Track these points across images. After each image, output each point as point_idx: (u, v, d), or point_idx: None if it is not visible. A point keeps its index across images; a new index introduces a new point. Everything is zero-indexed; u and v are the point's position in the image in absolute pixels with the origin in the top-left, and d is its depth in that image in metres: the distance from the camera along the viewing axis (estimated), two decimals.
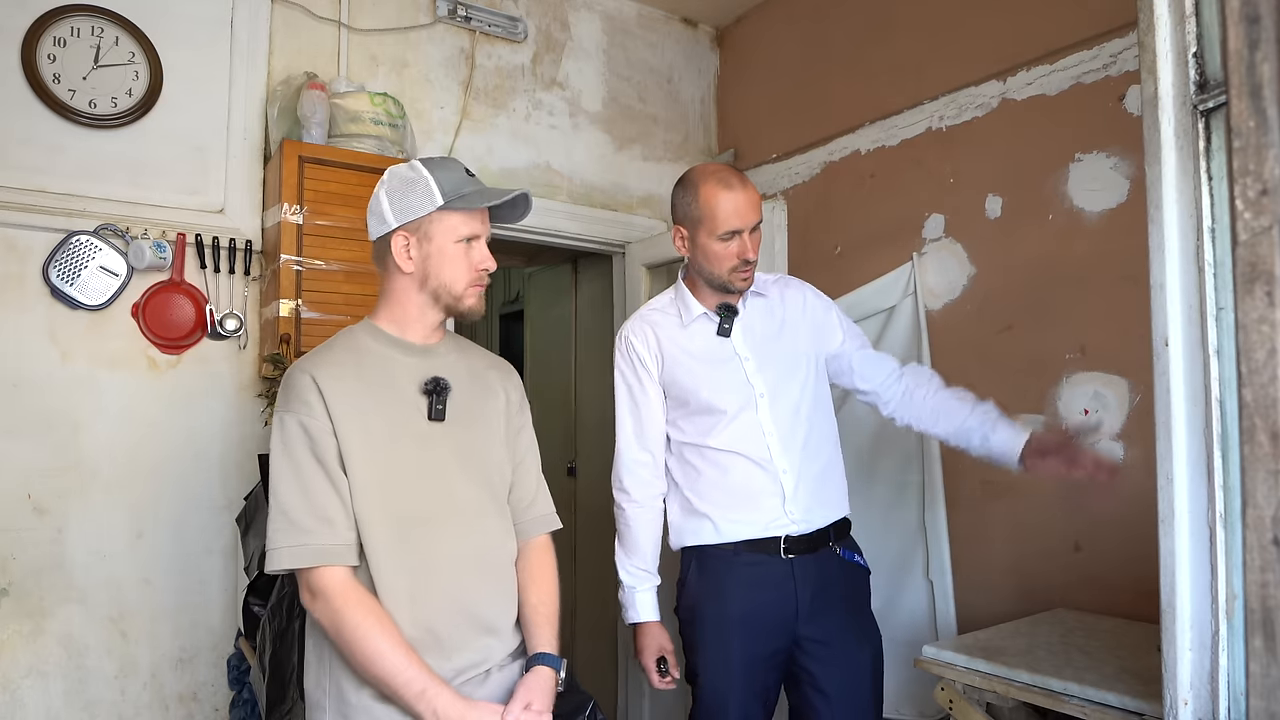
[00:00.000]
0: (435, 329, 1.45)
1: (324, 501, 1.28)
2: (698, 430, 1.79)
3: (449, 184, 1.37)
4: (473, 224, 1.39)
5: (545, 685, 1.34)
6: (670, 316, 1.85)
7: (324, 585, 1.26)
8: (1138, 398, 2.01)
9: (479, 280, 1.41)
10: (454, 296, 1.40)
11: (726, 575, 1.74)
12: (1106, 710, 1.42)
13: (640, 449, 1.83)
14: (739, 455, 1.75)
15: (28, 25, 2.09)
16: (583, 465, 3.74)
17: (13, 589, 2.06)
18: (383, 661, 1.23)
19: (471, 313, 1.41)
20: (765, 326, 1.82)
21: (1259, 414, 0.88)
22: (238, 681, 2.20)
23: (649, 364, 1.82)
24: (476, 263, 1.40)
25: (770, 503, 1.73)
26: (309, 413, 1.30)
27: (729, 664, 1.71)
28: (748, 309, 1.82)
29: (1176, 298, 1.11)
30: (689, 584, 1.80)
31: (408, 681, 1.23)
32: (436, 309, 1.42)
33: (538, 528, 1.53)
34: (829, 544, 1.77)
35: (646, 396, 1.83)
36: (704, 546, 1.78)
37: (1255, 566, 0.89)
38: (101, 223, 2.16)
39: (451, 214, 1.37)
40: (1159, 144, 1.11)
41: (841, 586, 1.77)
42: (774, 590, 1.72)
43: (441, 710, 1.22)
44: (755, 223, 1.73)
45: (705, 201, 1.71)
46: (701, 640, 1.75)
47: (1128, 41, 2.03)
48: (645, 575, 1.83)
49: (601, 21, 3.11)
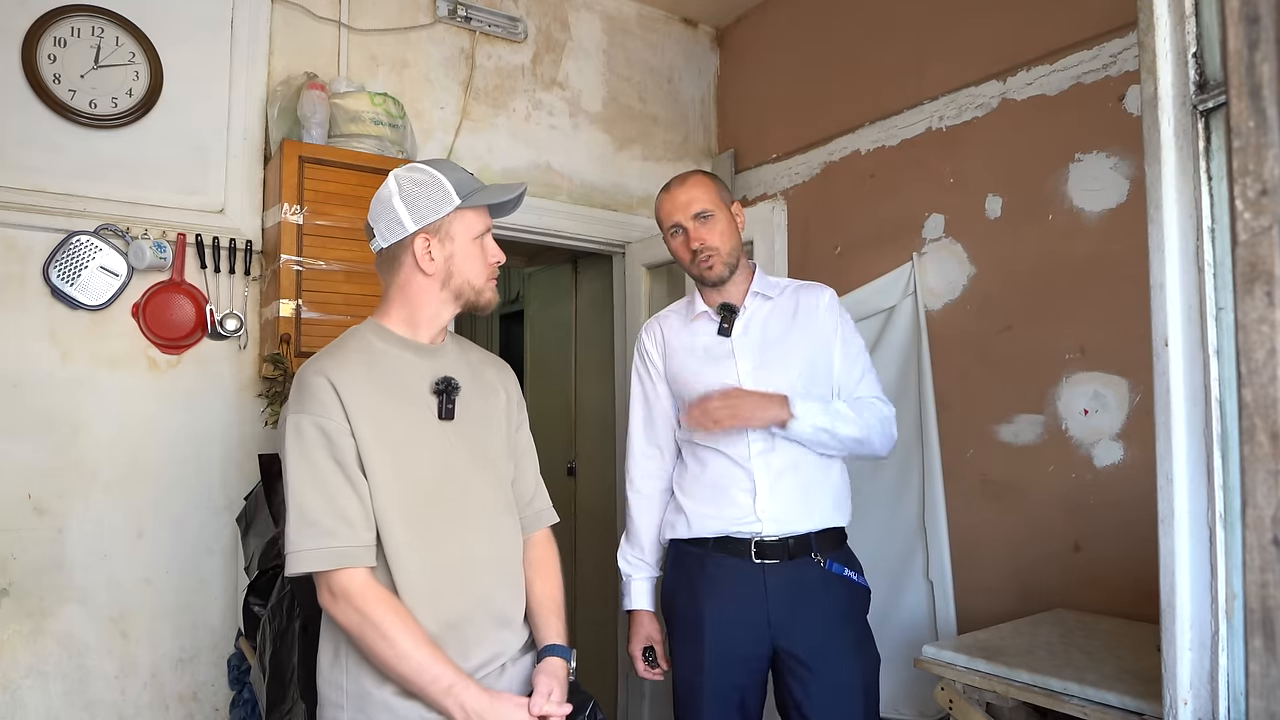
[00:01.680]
0: (443, 329, 1.48)
1: (344, 503, 1.28)
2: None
3: (461, 183, 1.41)
4: (484, 220, 1.45)
5: (561, 675, 1.38)
6: (680, 315, 1.92)
7: (345, 586, 1.27)
8: (1138, 398, 2.01)
9: (494, 273, 1.48)
10: (476, 291, 1.45)
11: (698, 573, 1.76)
12: (1106, 710, 1.42)
13: (648, 443, 1.90)
14: (718, 452, 1.77)
15: (28, 25, 2.09)
16: (582, 465, 3.74)
17: (13, 589, 2.06)
18: (409, 660, 1.24)
19: (489, 305, 1.47)
20: (767, 328, 1.83)
21: (1259, 414, 0.88)
22: (238, 681, 2.20)
23: (656, 361, 1.90)
24: (490, 256, 1.46)
25: (740, 498, 1.74)
26: (326, 414, 1.30)
27: (699, 660, 1.73)
28: (750, 310, 1.84)
29: (1176, 298, 1.11)
30: (667, 577, 1.85)
31: (435, 678, 1.24)
32: (454, 306, 1.45)
33: (540, 522, 1.57)
34: (810, 554, 1.72)
35: (656, 393, 1.90)
36: (680, 542, 1.82)
37: (1255, 566, 0.89)
38: (102, 223, 2.16)
39: (468, 212, 1.42)
40: (1159, 144, 1.11)
41: (825, 602, 1.71)
42: (743, 593, 1.71)
43: (469, 704, 1.24)
44: (696, 212, 1.78)
45: (656, 210, 1.87)
46: (675, 633, 1.81)
47: (1128, 41, 2.03)
48: (642, 565, 1.88)
49: (601, 21, 3.11)
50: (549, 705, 1.31)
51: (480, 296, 1.45)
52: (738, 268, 1.82)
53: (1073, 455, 2.13)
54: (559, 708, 1.32)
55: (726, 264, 1.79)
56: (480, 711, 1.24)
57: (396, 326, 1.43)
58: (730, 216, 1.83)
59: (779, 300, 1.85)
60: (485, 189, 1.44)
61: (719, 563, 1.74)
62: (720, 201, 1.81)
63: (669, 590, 1.83)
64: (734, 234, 1.82)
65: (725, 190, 1.85)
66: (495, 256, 1.47)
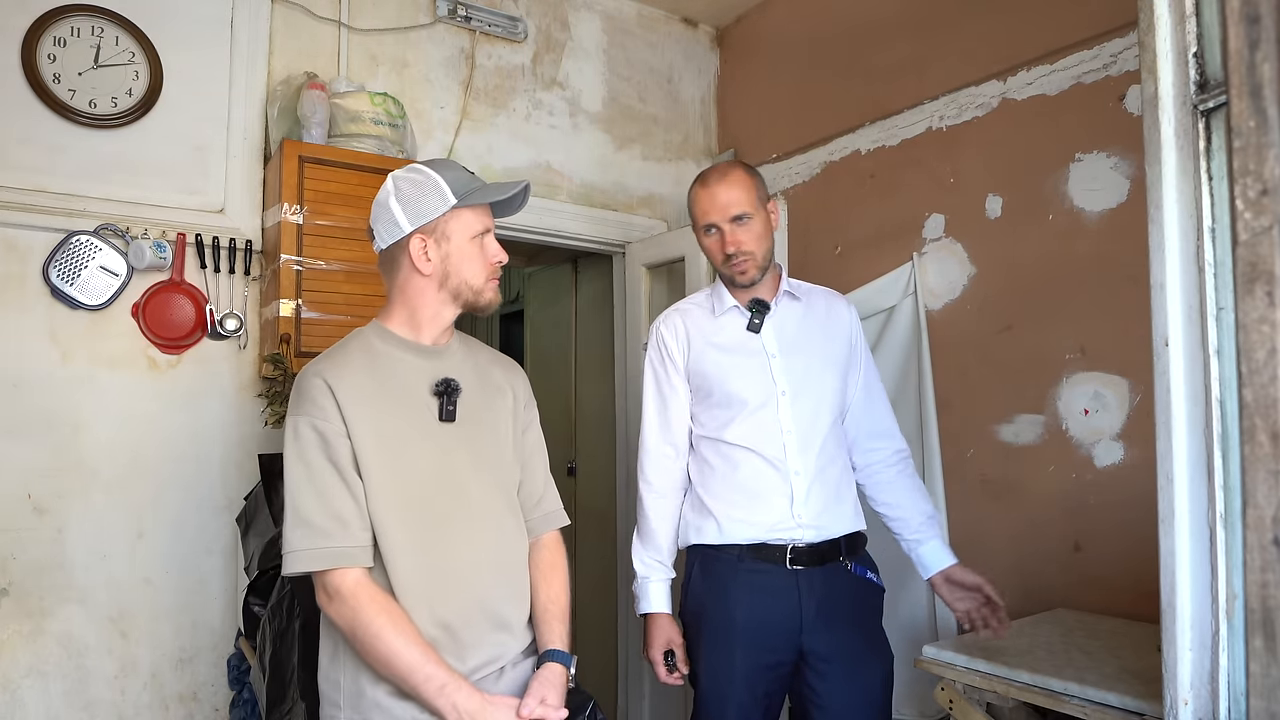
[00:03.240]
0: (447, 329, 1.47)
1: (339, 504, 1.29)
2: (716, 424, 1.77)
3: (457, 183, 1.40)
4: (483, 219, 1.44)
5: (557, 681, 1.37)
6: (703, 309, 1.86)
7: (340, 586, 1.27)
8: (1138, 398, 2.01)
9: (494, 273, 1.46)
10: (474, 291, 1.43)
11: (731, 581, 1.70)
12: (1107, 710, 1.42)
13: (664, 440, 1.83)
14: (752, 452, 1.72)
15: (28, 25, 2.09)
16: (583, 465, 3.74)
17: (13, 589, 2.06)
18: (401, 659, 1.24)
19: (490, 306, 1.46)
20: (798, 328, 1.81)
21: (1259, 414, 0.87)
22: (238, 681, 2.20)
23: (675, 355, 1.82)
24: (491, 256, 1.44)
25: (779, 503, 1.70)
26: (322, 416, 1.31)
27: (731, 671, 1.68)
28: (781, 308, 1.81)
29: (1177, 298, 1.10)
30: (692, 587, 1.78)
31: (428, 678, 1.24)
32: (454, 306, 1.44)
33: (547, 524, 1.55)
34: (839, 558, 1.72)
35: (673, 388, 1.83)
36: (707, 548, 1.75)
37: (1255, 566, 0.89)
38: (101, 223, 2.16)
39: (464, 211, 1.40)
40: (1159, 144, 1.11)
41: (851, 602, 1.72)
42: (779, 600, 1.68)
43: (461, 705, 1.24)
44: (734, 215, 1.73)
45: (690, 201, 1.82)
46: (704, 645, 1.73)
47: (1128, 41, 2.03)
48: (659, 567, 1.80)
49: (601, 21, 3.11)
50: (540, 709, 1.29)
51: (480, 297, 1.44)
52: (768, 269, 1.79)
53: (1073, 455, 2.13)
54: (553, 712, 1.30)
55: (760, 267, 1.76)
56: (472, 712, 1.24)
57: (399, 328, 1.43)
58: (766, 216, 1.77)
59: (807, 301, 1.85)
60: (484, 187, 1.43)
61: (753, 569, 1.69)
62: (758, 202, 1.75)
63: (697, 601, 1.76)
64: (769, 235, 1.77)
65: (763, 187, 1.80)
66: (496, 256, 1.45)
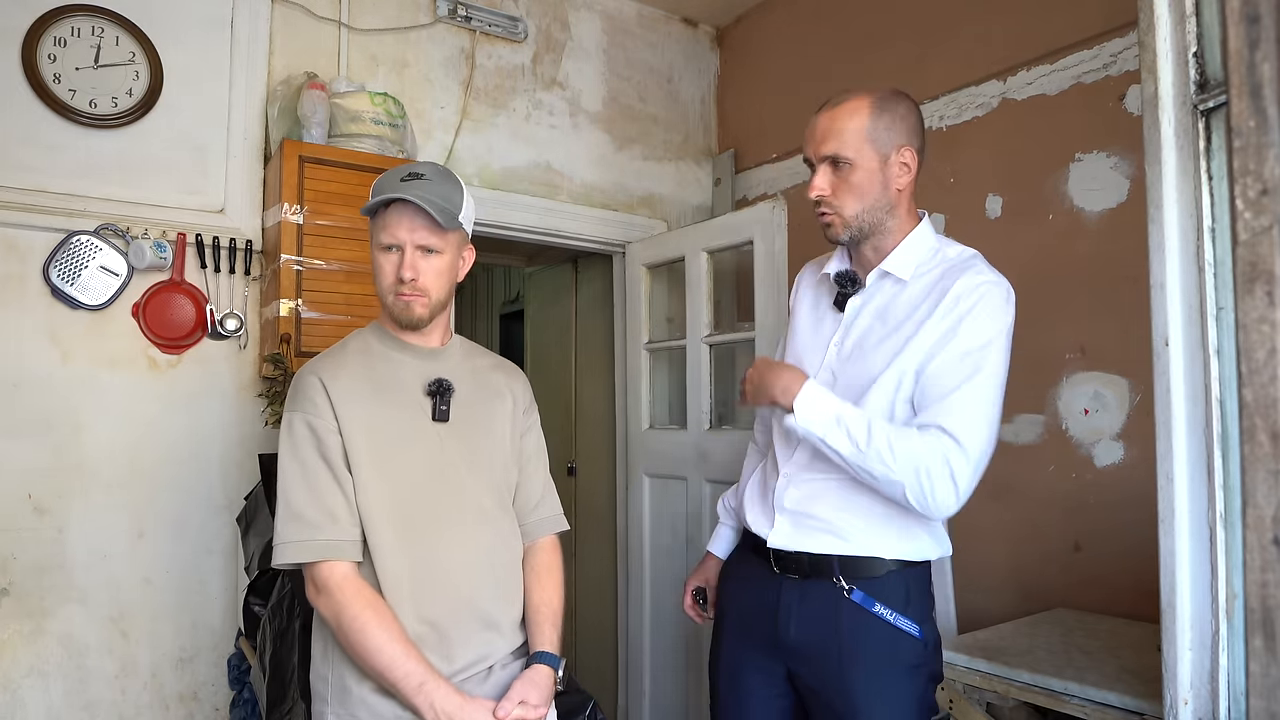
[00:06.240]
0: (440, 331, 1.47)
1: (330, 499, 1.30)
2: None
3: (378, 189, 1.36)
4: (392, 231, 1.34)
5: (541, 682, 1.36)
6: (818, 268, 1.66)
7: (327, 580, 1.28)
8: (1138, 398, 2.01)
9: (401, 291, 1.36)
10: (386, 306, 1.40)
11: (731, 567, 1.69)
12: (1107, 710, 1.42)
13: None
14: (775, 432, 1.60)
15: (28, 25, 2.09)
16: (583, 465, 3.74)
17: (13, 589, 2.06)
18: (382, 655, 1.25)
19: (411, 323, 1.39)
20: (886, 319, 1.45)
21: (1259, 414, 0.87)
22: (238, 681, 2.20)
23: (791, 308, 1.68)
24: (396, 272, 1.35)
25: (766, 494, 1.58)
26: (315, 412, 1.33)
27: (716, 652, 1.64)
28: (870, 290, 1.48)
29: (1176, 298, 1.11)
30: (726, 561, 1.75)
31: (407, 674, 1.25)
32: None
33: (544, 529, 1.54)
34: (833, 579, 1.43)
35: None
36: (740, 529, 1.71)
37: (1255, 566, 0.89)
38: (102, 223, 2.16)
39: (377, 219, 1.37)
40: (1159, 144, 1.11)
41: (847, 637, 1.41)
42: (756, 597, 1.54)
43: (439, 704, 1.24)
44: (828, 154, 1.41)
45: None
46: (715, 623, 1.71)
47: (1128, 41, 2.03)
48: (730, 514, 1.75)
49: (601, 21, 3.11)
50: (519, 710, 1.29)
51: (391, 311, 1.39)
52: (875, 233, 1.44)
53: (1073, 455, 2.13)
54: (532, 712, 1.30)
55: (849, 227, 1.43)
56: (450, 712, 1.24)
57: (395, 328, 1.44)
58: (879, 168, 1.41)
59: (914, 285, 1.44)
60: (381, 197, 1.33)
61: (744, 559, 1.63)
62: (868, 145, 1.40)
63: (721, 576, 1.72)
64: (873, 191, 1.41)
65: (894, 128, 1.41)
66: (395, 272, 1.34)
